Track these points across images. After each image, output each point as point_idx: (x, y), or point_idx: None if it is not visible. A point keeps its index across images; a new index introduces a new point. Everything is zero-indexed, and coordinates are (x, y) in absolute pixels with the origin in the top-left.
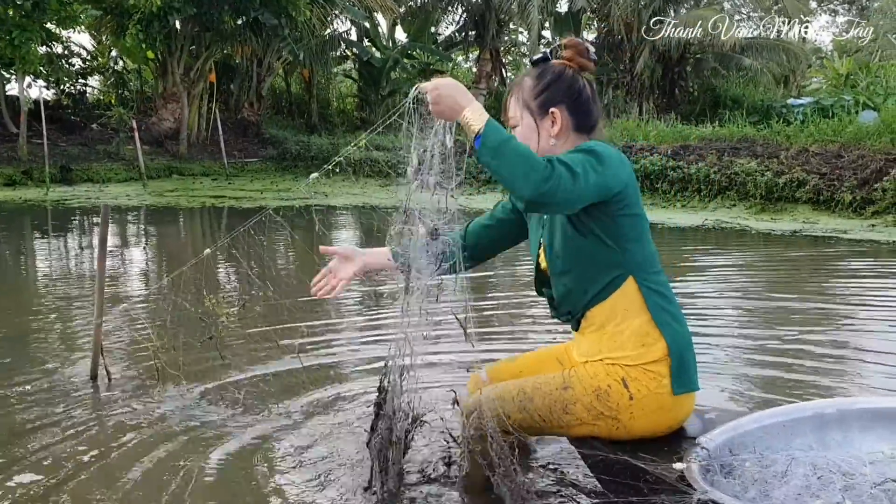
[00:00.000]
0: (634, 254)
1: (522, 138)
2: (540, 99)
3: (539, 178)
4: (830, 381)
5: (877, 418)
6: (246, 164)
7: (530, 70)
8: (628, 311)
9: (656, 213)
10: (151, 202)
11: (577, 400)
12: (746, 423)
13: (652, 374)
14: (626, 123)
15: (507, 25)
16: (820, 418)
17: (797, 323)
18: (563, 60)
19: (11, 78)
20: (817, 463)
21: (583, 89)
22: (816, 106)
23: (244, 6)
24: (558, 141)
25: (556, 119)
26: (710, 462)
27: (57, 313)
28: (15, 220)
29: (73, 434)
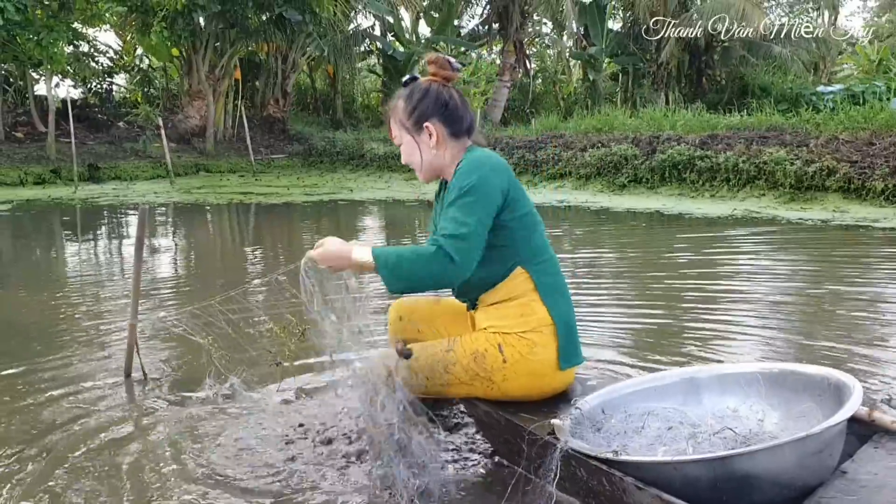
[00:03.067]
0: (523, 248)
1: (407, 155)
2: (413, 117)
3: (440, 268)
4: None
5: (732, 380)
6: (272, 160)
7: (401, 91)
8: (515, 291)
9: (684, 203)
10: (179, 199)
11: (456, 361)
12: (621, 387)
13: (526, 340)
14: (652, 113)
15: (530, 17)
16: (688, 382)
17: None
18: (430, 77)
19: (39, 78)
20: (671, 418)
21: (450, 99)
22: (847, 93)
23: (268, 2)
24: (439, 150)
25: (431, 132)
26: (582, 420)
27: (88, 311)
28: (44, 219)
29: (106, 429)
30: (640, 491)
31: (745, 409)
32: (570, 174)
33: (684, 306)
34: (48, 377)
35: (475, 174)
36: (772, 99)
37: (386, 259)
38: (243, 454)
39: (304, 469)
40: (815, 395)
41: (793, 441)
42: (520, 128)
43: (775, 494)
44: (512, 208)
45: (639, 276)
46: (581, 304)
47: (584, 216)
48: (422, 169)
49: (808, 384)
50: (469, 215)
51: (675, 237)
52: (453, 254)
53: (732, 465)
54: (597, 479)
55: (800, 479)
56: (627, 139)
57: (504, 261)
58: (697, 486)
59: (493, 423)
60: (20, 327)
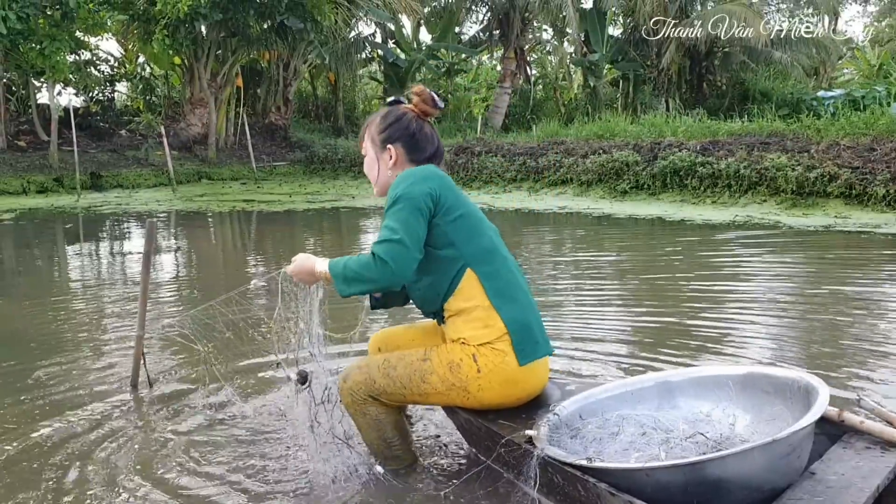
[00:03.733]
0: (467, 249)
1: (367, 167)
2: (382, 136)
3: (377, 271)
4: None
5: (705, 384)
6: (274, 167)
7: (382, 109)
8: (473, 298)
9: (686, 210)
10: (181, 207)
11: (433, 371)
12: (598, 392)
13: (497, 350)
14: (653, 119)
15: (531, 24)
16: (663, 386)
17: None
18: (411, 106)
19: (42, 87)
20: (645, 423)
21: (418, 131)
22: (848, 98)
23: (270, 10)
24: (394, 171)
25: (392, 154)
26: (560, 425)
27: (92, 319)
28: (47, 227)
29: (113, 438)
30: (614, 497)
31: (718, 413)
32: (571, 181)
33: (685, 308)
34: (52, 386)
35: (401, 185)
36: (773, 104)
37: (335, 268)
38: (239, 460)
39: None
40: (786, 398)
41: (761, 445)
42: (521, 134)
43: (745, 497)
44: (446, 212)
45: (639, 278)
46: (585, 304)
47: (585, 222)
48: (376, 183)
49: (779, 387)
50: (397, 221)
51: (677, 242)
52: (385, 258)
53: (703, 471)
54: (572, 485)
55: (769, 482)
56: (628, 145)
57: (450, 265)
58: (669, 490)
59: (474, 430)
60: (24, 336)
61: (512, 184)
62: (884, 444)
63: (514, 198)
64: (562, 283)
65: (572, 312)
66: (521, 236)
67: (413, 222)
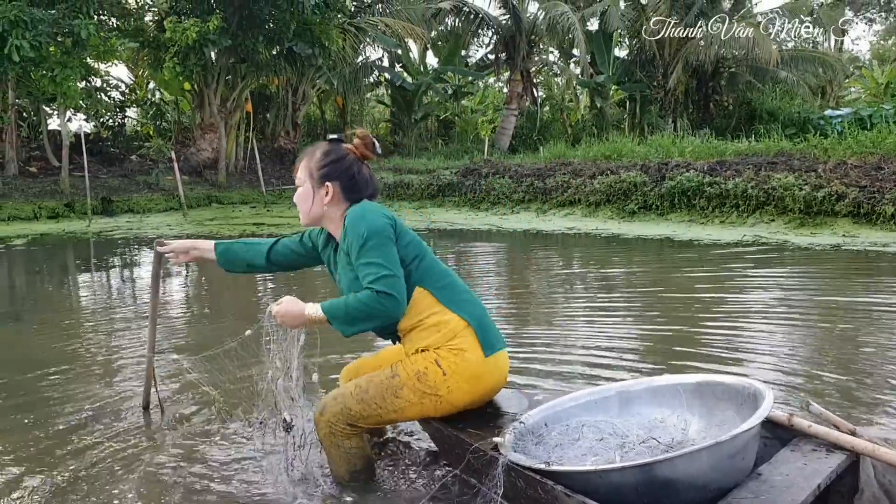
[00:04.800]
0: (416, 271)
1: (300, 198)
2: (321, 172)
3: (382, 305)
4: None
5: (662, 392)
6: (283, 191)
7: (323, 144)
8: (423, 311)
9: (694, 230)
10: (192, 231)
11: (403, 384)
12: (563, 401)
13: (455, 350)
14: (660, 140)
15: (537, 46)
16: (623, 395)
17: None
18: (352, 147)
19: (53, 113)
20: (604, 429)
21: (356, 173)
22: (855, 116)
23: (278, 37)
24: (329, 207)
25: (329, 191)
26: (525, 433)
27: (103, 344)
28: (58, 253)
29: (126, 461)
30: (569, 497)
31: (673, 419)
32: (579, 201)
33: (688, 319)
34: (61, 409)
35: (363, 223)
36: (779, 124)
37: (335, 311)
38: (243, 486)
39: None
40: (737, 404)
41: (707, 447)
42: (528, 155)
43: (693, 496)
44: (399, 238)
45: (646, 292)
46: (594, 315)
47: (594, 243)
48: (307, 214)
49: (730, 393)
50: (380, 256)
51: (685, 262)
52: (390, 291)
53: (652, 472)
54: (533, 488)
55: (715, 482)
56: (636, 166)
57: (405, 284)
58: (622, 491)
59: (446, 439)
60: (36, 361)
61: (520, 205)
62: (829, 447)
63: (523, 219)
64: (572, 297)
65: (582, 322)
66: (530, 256)
67: (392, 254)
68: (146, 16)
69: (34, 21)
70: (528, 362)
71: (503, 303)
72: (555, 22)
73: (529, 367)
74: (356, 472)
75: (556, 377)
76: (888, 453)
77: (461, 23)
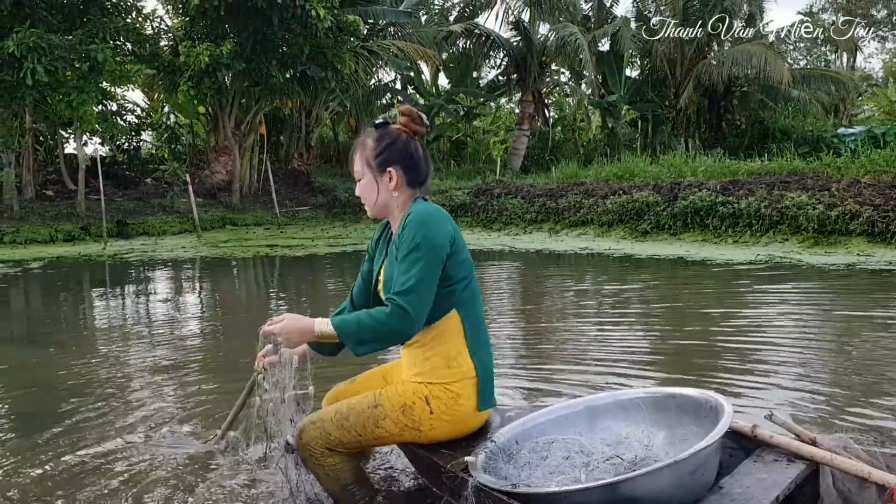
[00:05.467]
0: (460, 292)
1: (365, 190)
2: (379, 159)
3: (397, 322)
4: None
5: (627, 406)
6: (297, 212)
7: (371, 132)
8: (445, 337)
9: (707, 250)
10: (206, 253)
11: (385, 416)
12: (533, 417)
13: (451, 392)
14: (673, 160)
15: (548, 67)
16: (590, 410)
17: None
18: (400, 126)
19: (69, 137)
20: (570, 447)
21: (415, 151)
22: (868, 134)
23: (292, 60)
24: (395, 194)
25: (392, 177)
26: (497, 451)
27: (118, 367)
28: (74, 276)
29: (137, 484)
30: None
31: (637, 434)
32: (591, 221)
33: (699, 333)
34: (78, 432)
35: (421, 231)
36: (792, 143)
37: (346, 327)
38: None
39: None
40: (700, 417)
41: (668, 465)
42: (540, 175)
43: None
44: (454, 254)
45: (659, 308)
46: (606, 329)
47: (607, 263)
48: (374, 206)
49: (693, 407)
50: (420, 271)
51: (698, 280)
52: (406, 306)
53: (615, 490)
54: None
55: (677, 498)
56: (648, 186)
57: (443, 301)
58: None
59: (421, 460)
60: (52, 385)
61: (532, 225)
62: (791, 456)
63: (535, 239)
64: (584, 312)
65: (594, 335)
66: (543, 276)
67: (434, 275)
68: (161, 41)
69: (51, 47)
70: (534, 373)
71: (517, 319)
72: (563, 43)
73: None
74: (348, 485)
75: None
76: (845, 462)
77: (472, 45)
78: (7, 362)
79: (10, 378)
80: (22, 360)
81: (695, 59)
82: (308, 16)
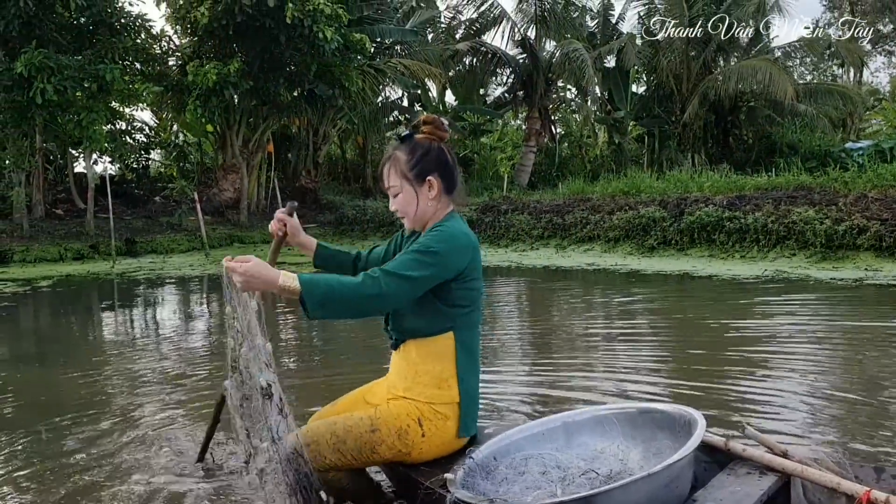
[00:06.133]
0: (460, 317)
1: (404, 203)
2: (416, 169)
3: (366, 293)
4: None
5: (603, 422)
6: (305, 229)
7: (399, 145)
8: (437, 356)
9: (714, 265)
10: (214, 271)
11: (382, 441)
12: (511, 434)
13: (440, 414)
14: (679, 175)
15: (554, 84)
16: (568, 426)
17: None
18: (426, 135)
19: (79, 156)
20: (547, 462)
21: (448, 157)
22: (875, 149)
23: (299, 79)
24: (435, 203)
25: (432, 185)
26: (475, 468)
27: (125, 387)
28: (83, 294)
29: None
30: None
31: (613, 448)
32: (598, 237)
33: (705, 349)
34: (83, 453)
35: (445, 244)
36: (799, 157)
37: (314, 287)
38: None
39: None
40: (674, 432)
41: (641, 478)
42: (547, 191)
43: None
44: (463, 279)
45: (665, 325)
46: (616, 342)
47: (614, 278)
48: (415, 217)
49: (667, 422)
50: (418, 269)
51: (705, 295)
52: (384, 285)
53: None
54: None
55: None
56: (655, 201)
57: (443, 319)
58: None
59: (401, 477)
60: (59, 403)
61: (539, 241)
62: (763, 469)
63: (542, 255)
64: (590, 326)
65: (599, 347)
66: (551, 292)
67: (429, 278)
68: (170, 60)
69: (60, 67)
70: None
71: (524, 332)
72: (569, 59)
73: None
74: (345, 489)
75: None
76: (815, 473)
77: (479, 62)
78: (15, 381)
79: (18, 396)
80: (30, 378)
81: (701, 75)
82: (315, 37)
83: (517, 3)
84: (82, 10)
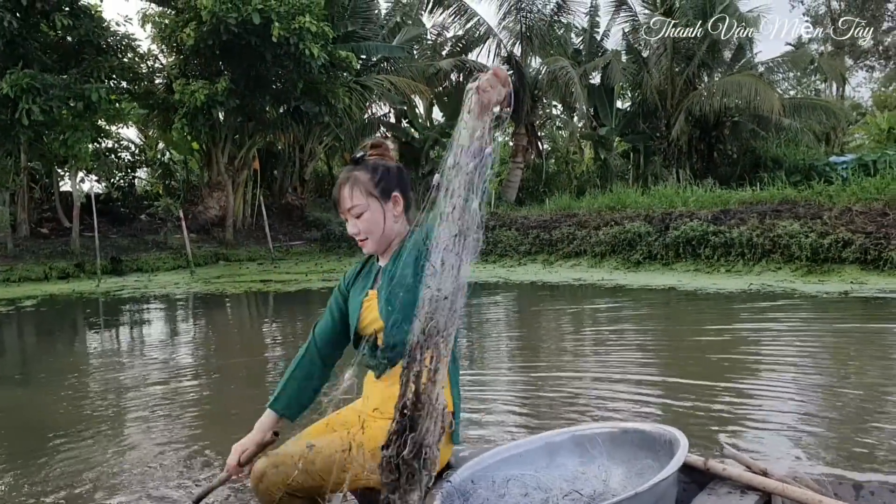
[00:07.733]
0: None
1: (371, 222)
2: (381, 186)
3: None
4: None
5: (584, 442)
6: (291, 247)
7: (355, 167)
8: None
9: (700, 279)
10: (199, 289)
11: (353, 459)
12: (488, 456)
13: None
14: (664, 191)
15: (540, 100)
16: (550, 446)
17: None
18: (376, 155)
19: (65, 175)
20: (528, 483)
21: (406, 177)
22: (859, 162)
23: (285, 96)
24: (402, 220)
25: (398, 201)
26: (453, 492)
27: (110, 407)
28: (67, 314)
29: None
30: None
31: (595, 469)
32: (585, 252)
33: (692, 366)
34: (67, 474)
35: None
36: (784, 171)
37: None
38: None
39: None
40: (656, 451)
41: (627, 498)
42: (534, 207)
43: None
44: None
45: (650, 340)
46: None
47: (600, 293)
48: (381, 236)
49: (649, 441)
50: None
51: (690, 310)
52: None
53: None
54: None
55: None
56: (640, 216)
57: None
58: None
59: (371, 501)
60: (43, 424)
61: (527, 257)
62: (744, 488)
63: (529, 270)
64: (578, 341)
65: (587, 363)
66: (538, 308)
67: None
68: (156, 79)
69: (46, 87)
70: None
71: (511, 350)
72: (555, 76)
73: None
74: None
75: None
76: (796, 491)
77: (465, 79)
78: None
79: (1, 417)
80: (12, 400)
81: (685, 91)
82: (302, 54)
83: (501, 20)
84: (69, 30)
